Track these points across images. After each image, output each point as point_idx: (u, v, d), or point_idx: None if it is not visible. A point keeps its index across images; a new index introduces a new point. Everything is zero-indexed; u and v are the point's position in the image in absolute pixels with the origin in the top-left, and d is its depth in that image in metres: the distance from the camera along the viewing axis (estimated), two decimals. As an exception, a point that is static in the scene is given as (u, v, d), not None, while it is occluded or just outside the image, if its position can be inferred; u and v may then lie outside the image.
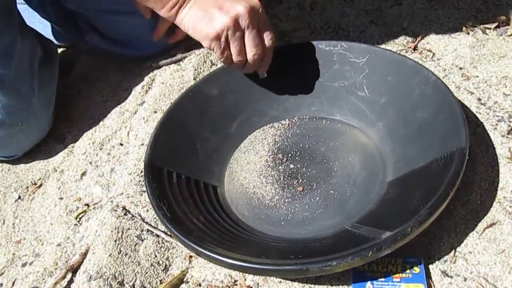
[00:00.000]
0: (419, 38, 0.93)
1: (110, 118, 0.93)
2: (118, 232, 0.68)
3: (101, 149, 0.87)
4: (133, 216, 0.71)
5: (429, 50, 0.91)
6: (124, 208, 0.72)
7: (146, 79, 0.98)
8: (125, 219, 0.70)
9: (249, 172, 0.76)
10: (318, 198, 0.70)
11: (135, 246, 0.67)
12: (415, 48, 0.92)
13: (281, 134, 0.81)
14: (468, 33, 0.91)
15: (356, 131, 0.79)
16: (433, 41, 0.92)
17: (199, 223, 0.63)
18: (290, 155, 0.78)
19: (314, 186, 0.72)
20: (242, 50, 0.72)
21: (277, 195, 0.72)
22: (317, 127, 0.81)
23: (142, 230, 0.69)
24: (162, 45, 1.03)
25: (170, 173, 0.71)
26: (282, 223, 0.68)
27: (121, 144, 0.87)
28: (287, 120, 0.84)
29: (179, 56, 1.01)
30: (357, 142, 0.77)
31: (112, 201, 0.74)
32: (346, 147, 0.77)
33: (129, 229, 0.69)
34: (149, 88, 0.96)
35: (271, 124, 0.83)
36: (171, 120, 0.77)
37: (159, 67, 1.01)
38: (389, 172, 0.70)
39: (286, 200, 0.71)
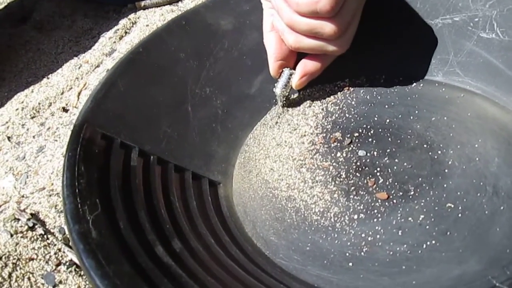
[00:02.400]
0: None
1: (60, 74, 0.59)
2: (5, 266, 0.32)
3: (33, 117, 0.53)
4: (46, 233, 0.35)
5: None
6: (34, 216, 0.37)
7: (124, 22, 0.64)
8: (27, 240, 0.34)
9: (280, 161, 0.41)
10: (422, 216, 0.34)
11: (36, 296, 0.31)
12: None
13: (338, 101, 0.46)
14: None
15: (477, 99, 0.43)
16: None
17: (167, 258, 0.27)
18: (357, 134, 0.42)
19: (411, 193, 0.36)
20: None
21: (335, 205, 0.36)
22: (403, 92, 0.46)
23: (59, 264, 0.33)
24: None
25: (127, 148, 0.35)
26: (350, 264, 0.32)
27: (65, 110, 0.52)
28: (346, 80, 0.48)
29: (177, -7, 0.67)
30: (485, 117, 0.41)
31: (20, 203, 0.39)
32: (464, 125, 0.41)
33: (31, 259, 0.33)
34: (125, 33, 0.62)
35: (320, 85, 0.48)
36: (144, 61, 0.42)
37: (146, 8, 0.67)
38: None
39: (355, 216, 0.35)
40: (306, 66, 0.42)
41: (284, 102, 0.44)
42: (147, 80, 0.41)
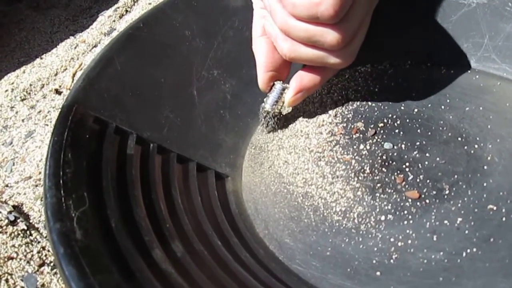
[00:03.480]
0: None
1: (54, 54, 0.55)
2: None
3: (23, 99, 0.48)
4: (29, 228, 0.31)
5: None
6: (17, 208, 0.33)
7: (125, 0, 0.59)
8: (7, 236, 0.30)
9: (296, 153, 0.36)
10: (460, 219, 0.30)
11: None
12: None
13: (359, 88, 0.41)
14: None
15: (516, 88, 0.38)
16: None
17: (165, 264, 0.23)
18: (381, 125, 0.37)
19: (446, 192, 0.31)
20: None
21: (359, 204, 0.32)
22: (432, 79, 0.41)
23: (42, 265, 0.29)
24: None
25: (123, 134, 0.31)
26: (378, 274, 0.28)
27: (58, 92, 0.48)
28: (368, 66, 0.43)
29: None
30: (526, 107, 0.37)
31: (2, 193, 0.35)
32: (503, 116, 0.36)
33: (11, 258, 0.29)
34: (126, 11, 0.57)
35: (339, 71, 0.43)
36: (145, 37, 0.38)
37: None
38: None
39: (382, 217, 0.31)
40: (303, 80, 0.35)
41: (276, 120, 0.38)
42: (147, 58, 0.37)
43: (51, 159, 0.25)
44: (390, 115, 0.38)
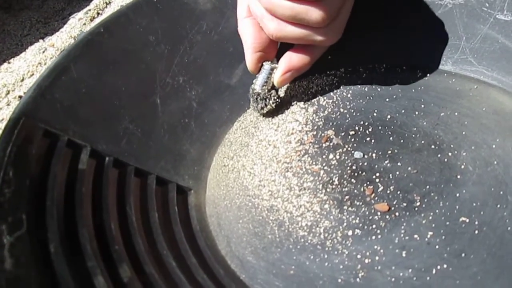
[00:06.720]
0: None
1: (23, 58, 0.53)
2: None
3: (-15, 108, 0.46)
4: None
5: None
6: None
7: (97, 1, 0.57)
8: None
9: (263, 164, 0.35)
10: (431, 233, 0.28)
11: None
12: None
13: (332, 94, 0.40)
14: None
15: (493, 91, 0.37)
16: None
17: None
18: (352, 133, 0.36)
19: (417, 204, 0.30)
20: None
21: (325, 218, 0.30)
22: (407, 83, 0.39)
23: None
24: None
25: (76, 148, 0.29)
26: (343, 293, 0.26)
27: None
28: (341, 70, 0.42)
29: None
30: (502, 112, 0.35)
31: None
32: (479, 122, 0.35)
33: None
34: (98, 13, 0.56)
35: (310, 76, 0.41)
36: (105, 43, 0.36)
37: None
38: None
39: (349, 232, 0.29)
40: (292, 59, 0.36)
41: (274, 101, 0.37)
42: (107, 66, 0.35)
43: (-12, 179, 0.24)
44: (362, 122, 0.36)
